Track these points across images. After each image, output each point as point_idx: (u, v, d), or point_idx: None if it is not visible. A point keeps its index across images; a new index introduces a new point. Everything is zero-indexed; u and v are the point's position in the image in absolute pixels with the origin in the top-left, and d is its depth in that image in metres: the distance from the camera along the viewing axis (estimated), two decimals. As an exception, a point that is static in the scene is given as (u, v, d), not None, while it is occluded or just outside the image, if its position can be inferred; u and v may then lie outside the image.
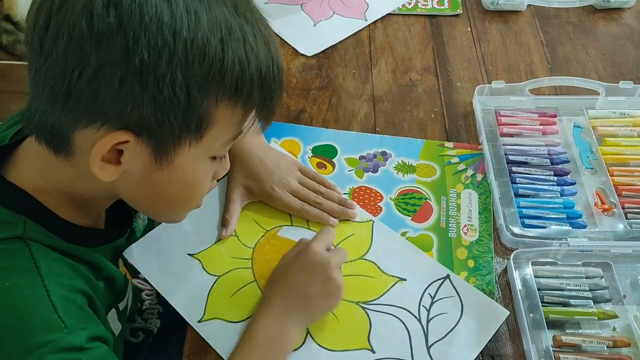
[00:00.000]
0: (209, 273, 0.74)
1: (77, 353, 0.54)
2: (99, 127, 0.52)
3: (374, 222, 0.79)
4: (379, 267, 0.75)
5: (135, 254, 0.74)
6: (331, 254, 0.70)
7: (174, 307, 0.71)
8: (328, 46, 1.03)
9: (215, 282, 0.73)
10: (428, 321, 0.70)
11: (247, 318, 0.69)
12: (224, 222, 0.78)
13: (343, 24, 1.08)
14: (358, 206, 0.81)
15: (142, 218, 0.80)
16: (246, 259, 0.75)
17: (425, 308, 0.71)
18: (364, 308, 0.71)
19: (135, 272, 0.78)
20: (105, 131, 0.52)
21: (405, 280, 0.74)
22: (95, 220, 0.68)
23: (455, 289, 0.73)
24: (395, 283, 0.73)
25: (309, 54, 1.02)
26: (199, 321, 0.70)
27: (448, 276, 0.74)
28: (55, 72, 0.50)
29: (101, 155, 0.53)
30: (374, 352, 0.68)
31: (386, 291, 0.73)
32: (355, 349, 0.68)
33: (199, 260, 0.75)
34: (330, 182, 0.83)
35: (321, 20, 1.08)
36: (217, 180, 0.67)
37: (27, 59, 0.54)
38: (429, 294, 0.72)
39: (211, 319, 0.69)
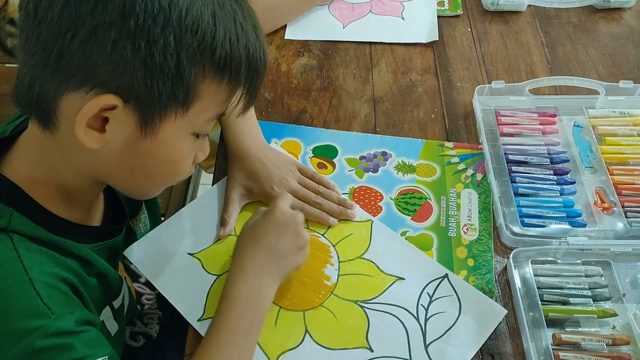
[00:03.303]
0: (208, 272, 0.75)
1: (69, 337, 0.54)
2: (88, 91, 0.52)
3: (373, 222, 0.80)
4: (377, 266, 0.75)
5: (136, 253, 0.75)
6: (297, 211, 0.72)
7: (174, 305, 0.71)
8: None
9: (214, 281, 0.74)
10: (426, 320, 0.70)
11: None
12: (222, 222, 0.78)
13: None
14: (358, 206, 0.81)
15: (143, 222, 0.80)
16: None
17: (424, 307, 0.71)
18: (362, 307, 0.72)
19: (135, 277, 0.79)
20: (94, 95, 0.52)
21: (404, 279, 0.74)
22: (86, 216, 0.68)
23: (453, 288, 0.73)
24: (394, 282, 0.74)
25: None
26: (199, 320, 0.70)
27: (446, 275, 0.74)
28: (47, 34, 0.51)
29: (87, 119, 0.53)
30: (372, 350, 0.68)
31: (384, 290, 0.73)
32: (353, 348, 0.69)
33: (199, 259, 0.76)
34: (329, 182, 0.83)
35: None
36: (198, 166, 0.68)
37: (19, 26, 0.54)
38: (427, 293, 0.73)
39: (211, 317, 0.70)
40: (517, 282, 0.72)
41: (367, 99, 0.96)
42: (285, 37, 1.05)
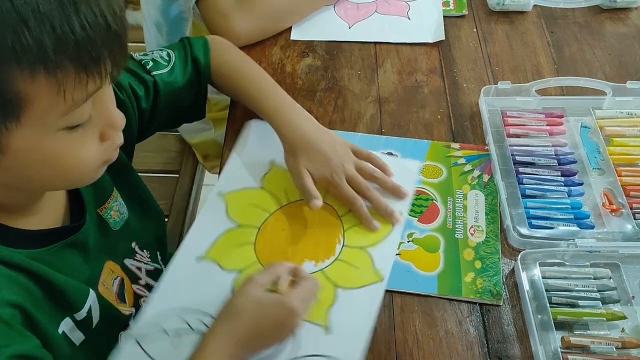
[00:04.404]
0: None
1: None
2: None
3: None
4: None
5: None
6: (306, 309, 0.67)
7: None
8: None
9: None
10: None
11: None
12: (314, 199, 0.77)
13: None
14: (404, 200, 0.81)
15: (116, 209, 0.77)
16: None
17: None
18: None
19: (135, 278, 0.77)
20: None
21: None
22: (38, 219, 0.65)
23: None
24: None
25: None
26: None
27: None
28: None
29: None
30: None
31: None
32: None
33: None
34: (384, 163, 0.82)
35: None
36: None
37: None
38: None
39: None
40: (525, 285, 0.72)
41: (372, 100, 0.96)
42: (291, 38, 1.05)
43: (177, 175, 1.27)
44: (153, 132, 0.89)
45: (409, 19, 1.08)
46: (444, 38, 1.04)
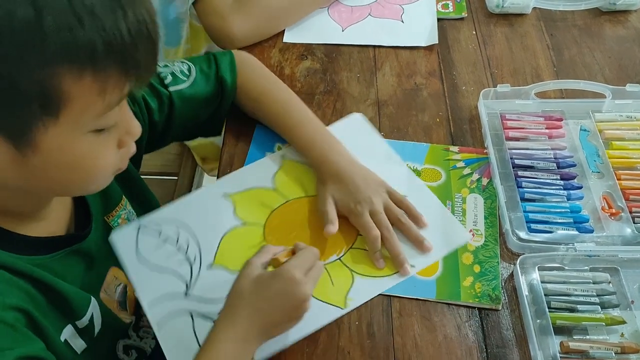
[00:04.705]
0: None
1: None
2: None
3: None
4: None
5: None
6: (310, 282, 0.65)
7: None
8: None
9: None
10: None
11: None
12: (330, 224, 0.76)
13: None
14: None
15: (125, 217, 0.78)
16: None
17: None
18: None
19: None
20: None
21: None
22: (44, 225, 0.65)
23: None
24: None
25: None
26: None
27: None
28: None
29: None
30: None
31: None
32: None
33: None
34: (417, 212, 0.78)
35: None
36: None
37: None
38: None
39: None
40: (524, 289, 0.72)
41: (371, 103, 0.95)
42: (284, 40, 1.04)
43: (176, 178, 1.27)
44: (167, 143, 0.88)
45: (402, 22, 1.08)
46: (437, 42, 1.03)
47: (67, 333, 0.65)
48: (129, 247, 0.76)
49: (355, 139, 0.86)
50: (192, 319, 0.72)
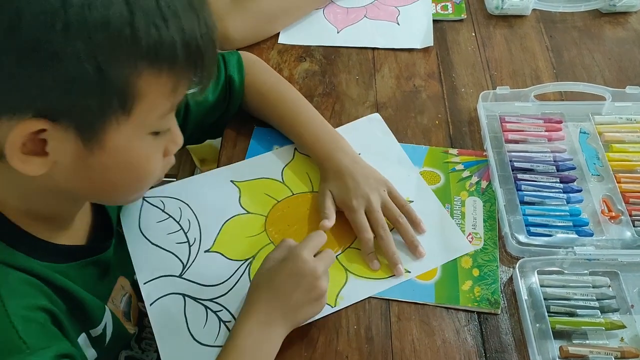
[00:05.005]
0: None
1: None
2: (9, 119, 0.48)
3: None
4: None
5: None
6: (318, 261, 0.67)
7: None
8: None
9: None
10: None
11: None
12: (326, 218, 0.76)
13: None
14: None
15: None
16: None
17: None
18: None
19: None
20: (16, 122, 0.48)
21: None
22: (69, 234, 0.65)
23: None
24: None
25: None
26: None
27: None
28: None
29: (19, 148, 0.50)
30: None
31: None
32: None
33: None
34: (416, 217, 0.78)
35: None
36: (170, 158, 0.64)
37: None
38: None
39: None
40: (523, 293, 0.71)
41: (370, 105, 0.95)
42: (279, 42, 1.04)
43: (174, 179, 1.26)
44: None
45: (398, 24, 1.07)
46: (432, 44, 1.03)
47: (81, 342, 0.65)
48: (132, 221, 0.77)
49: (369, 138, 0.88)
50: (184, 300, 0.72)
